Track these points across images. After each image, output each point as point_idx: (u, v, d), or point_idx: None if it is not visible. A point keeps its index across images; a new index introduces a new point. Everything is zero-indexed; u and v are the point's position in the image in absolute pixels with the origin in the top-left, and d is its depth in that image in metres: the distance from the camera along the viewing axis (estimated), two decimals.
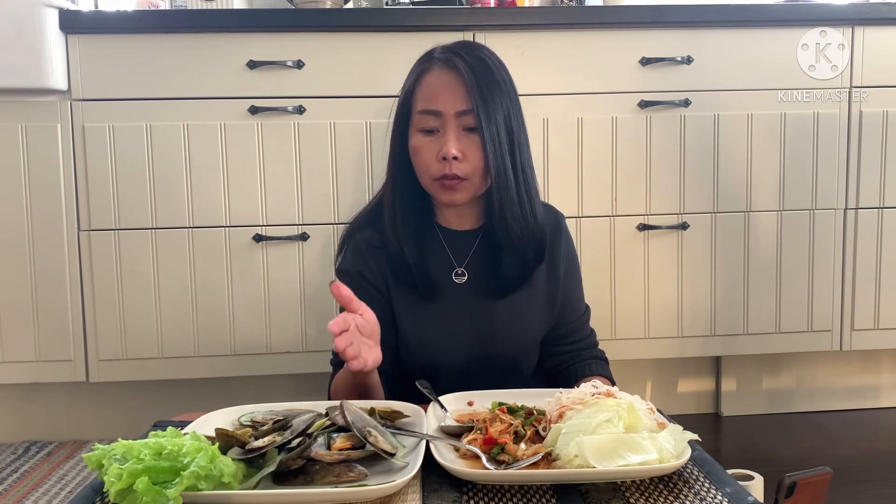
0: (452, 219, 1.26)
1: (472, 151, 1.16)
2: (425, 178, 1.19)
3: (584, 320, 1.35)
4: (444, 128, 1.16)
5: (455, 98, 1.15)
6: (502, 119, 1.17)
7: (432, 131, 1.17)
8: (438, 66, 1.18)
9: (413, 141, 1.19)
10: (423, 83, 1.19)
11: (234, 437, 0.82)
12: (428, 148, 1.17)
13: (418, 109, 1.18)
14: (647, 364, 2.07)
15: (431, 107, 1.16)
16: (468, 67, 1.16)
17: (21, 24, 1.67)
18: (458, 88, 1.16)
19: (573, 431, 0.83)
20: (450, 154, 1.14)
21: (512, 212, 1.19)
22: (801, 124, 1.88)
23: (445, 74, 1.17)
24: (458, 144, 1.15)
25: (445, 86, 1.16)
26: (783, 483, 1.18)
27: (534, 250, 1.23)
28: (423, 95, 1.18)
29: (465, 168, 1.16)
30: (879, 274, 1.93)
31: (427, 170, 1.18)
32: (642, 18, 1.83)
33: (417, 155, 1.18)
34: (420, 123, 1.18)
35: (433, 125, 1.17)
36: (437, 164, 1.16)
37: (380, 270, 1.24)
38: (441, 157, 1.15)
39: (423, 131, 1.18)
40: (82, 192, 1.77)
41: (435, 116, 1.16)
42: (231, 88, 1.77)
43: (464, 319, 1.23)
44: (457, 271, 1.24)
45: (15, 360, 1.79)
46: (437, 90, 1.17)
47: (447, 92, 1.16)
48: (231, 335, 1.82)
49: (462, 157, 1.15)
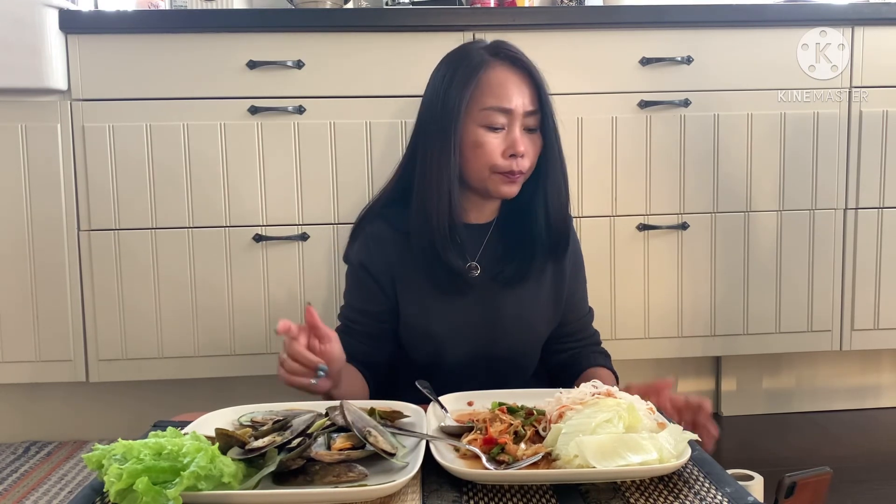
0: (471, 212, 1.27)
1: (531, 149, 1.20)
2: (484, 171, 1.19)
3: (587, 320, 1.36)
4: (510, 125, 1.18)
5: (524, 98, 1.18)
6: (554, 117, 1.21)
7: (498, 128, 1.18)
8: (502, 63, 1.19)
9: (474, 136, 1.19)
10: (489, 79, 1.18)
11: (234, 437, 0.82)
12: (493, 143, 1.18)
13: (485, 105, 1.17)
14: (647, 364, 2.07)
15: (503, 104, 1.17)
16: (534, 67, 1.20)
17: (21, 24, 1.67)
18: (524, 88, 1.19)
19: (573, 431, 0.83)
20: (520, 152, 1.17)
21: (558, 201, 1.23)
22: (801, 124, 1.88)
23: (513, 73, 1.19)
24: (525, 142, 1.19)
25: (515, 84, 1.18)
26: (783, 483, 1.18)
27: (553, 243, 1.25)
28: (493, 92, 1.18)
29: (527, 164, 1.20)
30: (879, 274, 1.93)
31: (489, 163, 1.18)
32: (642, 18, 1.83)
33: (480, 150, 1.18)
34: (486, 119, 1.18)
35: (501, 122, 1.18)
36: (503, 161, 1.18)
37: (384, 264, 1.24)
38: (510, 154, 1.17)
39: (487, 127, 1.18)
40: (82, 192, 1.77)
41: (504, 114, 1.17)
42: (231, 88, 1.77)
43: (472, 313, 1.24)
44: (471, 265, 1.24)
45: (15, 360, 1.79)
46: (507, 88, 1.18)
47: (517, 90, 1.18)
48: (231, 335, 1.82)
49: (525, 153, 1.19)
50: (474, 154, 1.19)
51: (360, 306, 1.26)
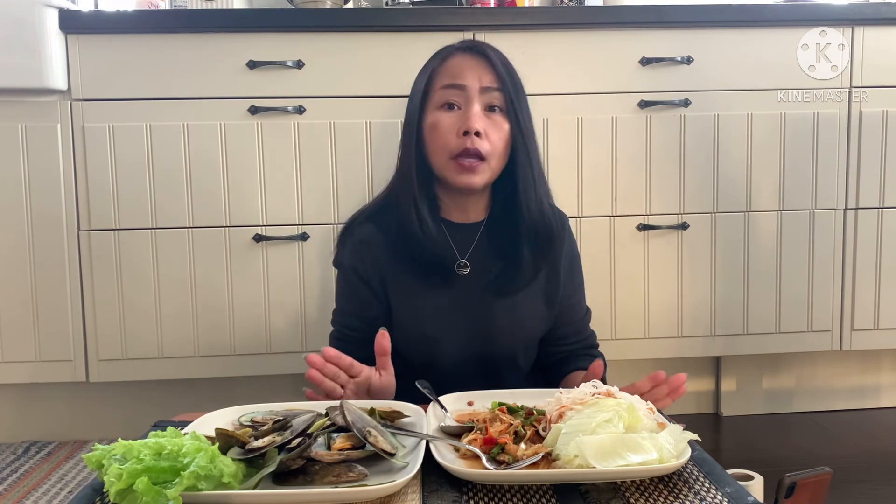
0: (455, 212, 1.25)
1: (493, 132, 1.15)
2: (442, 156, 1.16)
3: (584, 322, 1.35)
4: (466, 103, 1.15)
5: (482, 74, 1.15)
6: (524, 104, 1.18)
7: (453, 106, 1.15)
8: (462, 52, 1.19)
9: (431, 118, 1.17)
10: (447, 64, 1.18)
11: (234, 437, 0.82)
12: (447, 123, 1.15)
13: (440, 85, 1.16)
14: (647, 364, 2.07)
15: (455, 81, 1.15)
16: (494, 52, 1.18)
17: (21, 24, 1.67)
18: (482, 68, 1.16)
19: (573, 431, 0.83)
20: (472, 128, 1.12)
21: (527, 194, 1.19)
22: (801, 124, 1.88)
23: (471, 57, 1.18)
24: (482, 122, 1.14)
25: (471, 65, 1.17)
26: (783, 483, 1.18)
27: (543, 240, 1.22)
28: (448, 73, 1.17)
29: (486, 147, 1.14)
30: (879, 274, 1.93)
31: (445, 146, 1.15)
32: (642, 18, 1.83)
33: (435, 131, 1.16)
34: (441, 98, 1.16)
35: (455, 100, 1.15)
36: (456, 140, 1.14)
37: (375, 267, 1.23)
38: (462, 131, 1.13)
39: (443, 107, 1.16)
40: (82, 192, 1.77)
41: (458, 90, 1.15)
42: (231, 88, 1.77)
43: (463, 311, 1.23)
44: (459, 262, 1.23)
45: (15, 360, 1.79)
46: (462, 68, 1.17)
47: (473, 69, 1.16)
48: (231, 335, 1.82)
49: (484, 135, 1.14)
50: (432, 137, 1.17)
51: (355, 311, 1.26)
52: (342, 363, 1.02)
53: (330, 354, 1.01)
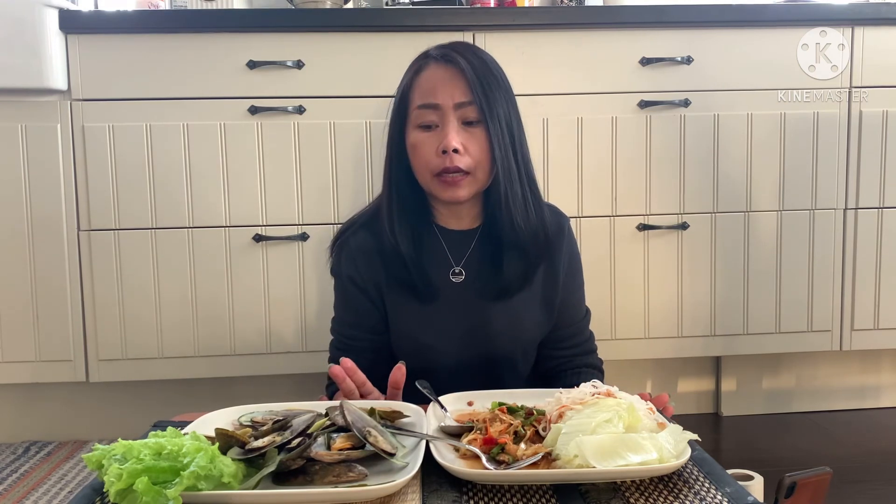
0: (450, 219, 1.25)
1: (472, 145, 1.15)
2: (425, 175, 1.17)
3: (583, 324, 1.34)
4: (443, 122, 1.15)
5: (454, 90, 1.14)
6: (503, 112, 1.16)
7: (430, 126, 1.16)
8: (435, 62, 1.18)
9: (411, 138, 1.18)
10: (420, 79, 1.18)
11: (234, 437, 0.82)
12: (426, 143, 1.16)
13: (416, 105, 1.17)
14: (647, 364, 2.07)
15: (429, 100, 1.15)
16: (466, 62, 1.15)
17: (21, 24, 1.67)
18: (456, 81, 1.15)
19: (573, 431, 0.83)
20: (450, 146, 1.13)
21: (516, 205, 1.18)
22: (801, 124, 1.88)
23: (443, 69, 1.17)
24: (459, 138, 1.14)
25: (444, 80, 1.16)
26: (783, 483, 1.18)
27: (536, 248, 1.21)
28: (421, 91, 1.17)
29: (466, 161, 1.15)
30: (879, 274, 1.93)
31: (427, 166, 1.16)
32: (642, 18, 1.83)
33: (416, 151, 1.17)
34: (418, 119, 1.16)
35: (431, 120, 1.16)
36: (436, 160, 1.15)
37: (371, 276, 1.23)
38: (441, 150, 1.14)
39: (421, 127, 1.16)
40: (82, 192, 1.77)
41: (433, 110, 1.15)
42: (231, 88, 1.77)
43: (460, 319, 1.23)
44: (454, 270, 1.23)
45: (15, 360, 1.79)
46: (434, 84, 1.16)
47: (445, 85, 1.15)
48: (231, 335, 1.82)
49: (463, 150, 1.14)
50: (414, 157, 1.18)
51: (354, 320, 1.26)
52: (357, 379, 1.04)
53: (347, 367, 1.03)
